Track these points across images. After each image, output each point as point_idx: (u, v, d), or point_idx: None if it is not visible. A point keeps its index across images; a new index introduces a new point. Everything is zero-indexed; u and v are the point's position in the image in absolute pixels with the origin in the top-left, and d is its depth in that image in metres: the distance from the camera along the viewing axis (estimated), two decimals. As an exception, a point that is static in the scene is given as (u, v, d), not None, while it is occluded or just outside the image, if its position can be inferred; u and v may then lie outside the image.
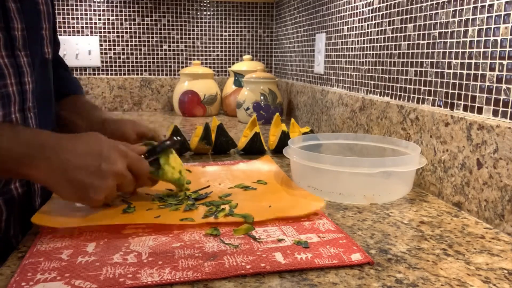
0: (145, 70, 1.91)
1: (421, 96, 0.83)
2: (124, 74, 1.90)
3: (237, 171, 0.87)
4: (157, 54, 1.91)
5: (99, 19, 1.83)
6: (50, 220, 0.58)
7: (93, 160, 0.56)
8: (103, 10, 1.83)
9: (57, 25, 0.88)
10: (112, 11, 1.84)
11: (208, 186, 0.76)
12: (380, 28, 0.99)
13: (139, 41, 1.88)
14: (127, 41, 1.87)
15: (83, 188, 0.56)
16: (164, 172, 0.67)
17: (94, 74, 1.86)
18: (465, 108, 0.72)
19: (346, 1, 1.17)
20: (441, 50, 0.77)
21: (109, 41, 1.86)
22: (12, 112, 0.63)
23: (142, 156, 0.64)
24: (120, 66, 1.88)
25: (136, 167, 0.61)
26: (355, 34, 1.12)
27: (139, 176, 0.62)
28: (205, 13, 1.92)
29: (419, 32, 0.84)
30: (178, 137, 0.72)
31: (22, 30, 0.65)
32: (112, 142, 0.60)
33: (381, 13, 0.99)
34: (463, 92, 0.72)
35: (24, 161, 0.54)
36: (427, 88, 0.82)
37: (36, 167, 0.55)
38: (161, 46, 1.90)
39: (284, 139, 1.01)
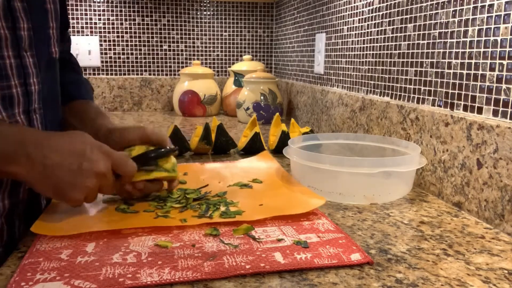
0: (145, 70, 1.91)
1: (421, 96, 0.83)
2: (124, 74, 1.90)
3: (236, 169, 0.87)
4: (157, 54, 1.91)
5: (99, 19, 1.83)
6: (50, 229, 0.57)
7: (74, 159, 0.56)
8: (103, 10, 1.83)
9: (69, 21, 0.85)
10: (112, 11, 1.84)
11: (207, 185, 0.76)
12: (380, 28, 0.99)
13: (139, 41, 1.88)
14: (127, 41, 1.87)
15: (61, 186, 0.55)
16: (156, 171, 0.67)
17: (94, 74, 1.86)
18: (465, 108, 0.71)
19: (346, 1, 1.17)
20: (441, 50, 0.77)
21: (109, 41, 1.85)
22: (16, 114, 0.62)
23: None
24: (120, 66, 1.88)
25: (121, 167, 0.61)
26: (355, 34, 1.12)
27: (124, 176, 0.62)
28: (205, 13, 1.92)
29: (419, 32, 0.84)
30: (175, 147, 0.71)
31: (29, 30, 0.64)
32: (97, 143, 0.60)
33: (381, 13, 0.99)
34: (463, 92, 0.72)
35: (6, 157, 0.54)
36: (427, 88, 0.82)
37: (17, 163, 0.54)
38: (161, 46, 1.90)
39: (284, 139, 1.01)
